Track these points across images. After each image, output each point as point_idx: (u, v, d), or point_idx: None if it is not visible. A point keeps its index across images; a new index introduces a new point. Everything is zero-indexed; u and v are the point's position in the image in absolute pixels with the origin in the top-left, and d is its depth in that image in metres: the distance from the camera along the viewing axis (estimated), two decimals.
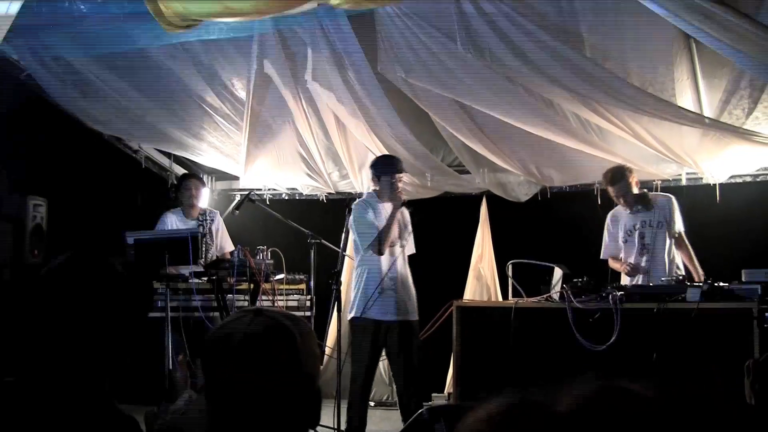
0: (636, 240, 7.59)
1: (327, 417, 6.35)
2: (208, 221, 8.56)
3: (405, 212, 7.21)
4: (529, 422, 1.03)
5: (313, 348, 2.20)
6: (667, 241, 7.49)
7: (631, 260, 7.63)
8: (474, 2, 6.58)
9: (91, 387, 2.17)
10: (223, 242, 8.78)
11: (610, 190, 7.57)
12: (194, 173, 9.08)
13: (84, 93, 8.33)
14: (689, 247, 7.50)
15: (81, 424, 2.11)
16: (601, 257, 7.92)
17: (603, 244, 7.91)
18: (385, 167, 7.27)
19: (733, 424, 1.01)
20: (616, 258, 7.81)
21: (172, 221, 8.61)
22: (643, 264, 7.58)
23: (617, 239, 7.78)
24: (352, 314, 7.12)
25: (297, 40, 7.78)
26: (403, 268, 7.16)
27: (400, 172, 7.27)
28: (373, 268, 7.07)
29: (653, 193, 7.67)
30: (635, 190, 7.51)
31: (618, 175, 7.53)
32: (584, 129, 8.10)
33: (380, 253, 6.99)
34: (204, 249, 8.41)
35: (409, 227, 7.22)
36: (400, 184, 7.18)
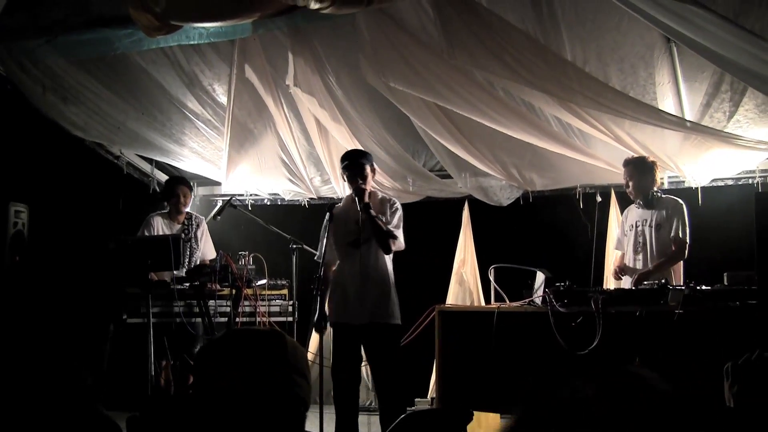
0: (634, 236, 7.62)
1: (311, 424, 6.32)
2: (193, 226, 8.56)
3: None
4: None
5: (302, 367, 2.21)
6: (665, 245, 7.48)
7: (628, 256, 7.68)
8: (454, 6, 6.57)
9: (72, 388, 2.16)
10: (205, 249, 8.78)
11: (623, 173, 7.61)
12: (183, 179, 9.04)
13: (64, 98, 8.29)
14: (677, 254, 7.46)
15: (64, 425, 2.10)
16: (614, 248, 8.14)
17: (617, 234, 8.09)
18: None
19: None
20: (624, 253, 7.89)
21: (158, 224, 8.62)
22: (631, 264, 7.61)
23: (624, 232, 7.83)
24: None
25: (277, 45, 7.77)
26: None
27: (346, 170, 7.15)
28: None
29: (666, 195, 7.64)
30: (647, 186, 7.49)
31: (632, 161, 7.58)
32: (566, 132, 8.11)
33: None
34: (189, 254, 8.40)
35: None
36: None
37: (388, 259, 7.05)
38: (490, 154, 8.72)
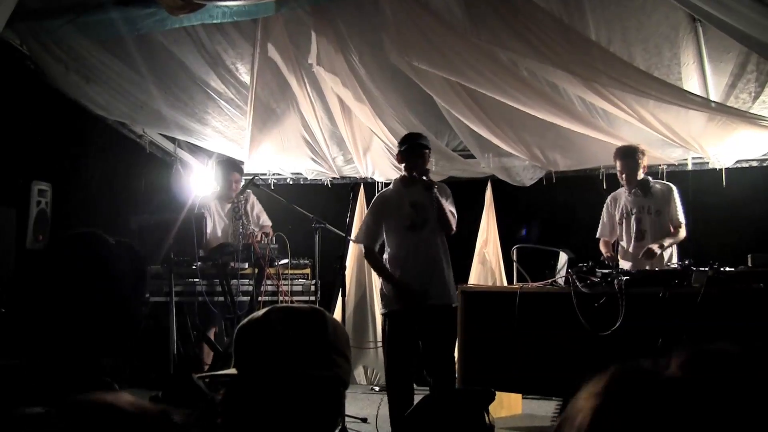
0: (633, 224, 7.59)
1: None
2: (242, 202, 8.61)
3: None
4: (639, 388, 1.04)
5: (343, 347, 2.20)
6: (664, 230, 7.48)
7: (624, 243, 7.66)
8: None
9: (87, 367, 2.17)
10: (261, 217, 8.84)
11: (617, 164, 7.61)
12: (235, 163, 9.12)
13: (87, 78, 8.31)
14: (681, 235, 7.45)
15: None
16: (597, 236, 7.95)
17: (600, 222, 7.96)
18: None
19: None
20: (607, 240, 7.86)
21: (212, 207, 8.80)
22: (631, 250, 7.59)
23: (613, 221, 7.81)
24: None
25: (300, 24, 7.75)
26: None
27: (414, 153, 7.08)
28: None
29: (654, 180, 7.65)
30: (640, 173, 7.50)
31: (629, 151, 7.55)
32: (589, 113, 8.07)
33: None
34: (241, 230, 8.39)
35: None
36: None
37: (444, 242, 6.97)
38: (514, 134, 8.69)
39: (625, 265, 7.58)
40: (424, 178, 6.68)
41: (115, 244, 2.33)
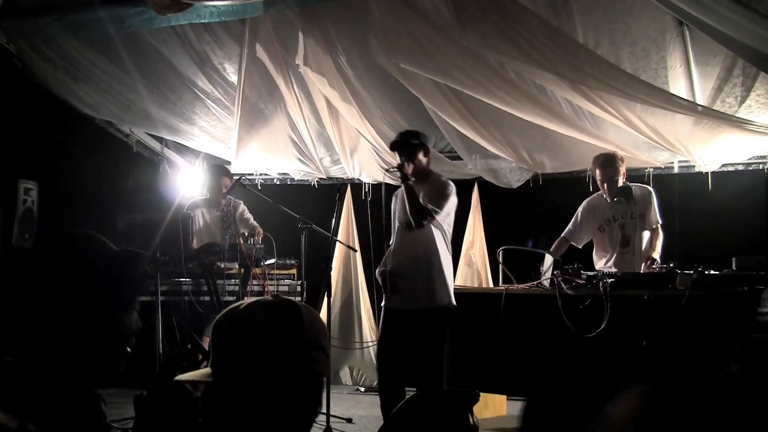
0: (616, 231, 7.60)
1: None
2: (231, 210, 8.61)
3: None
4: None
5: (320, 340, 2.19)
6: (646, 234, 7.52)
7: (609, 250, 7.65)
8: None
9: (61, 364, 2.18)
10: (250, 221, 8.87)
11: (598, 173, 7.64)
12: (225, 169, 9.15)
13: (75, 77, 8.28)
14: (660, 238, 7.49)
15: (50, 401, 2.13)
16: (562, 235, 7.95)
17: (571, 223, 7.98)
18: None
19: None
20: (568, 241, 7.90)
21: (199, 214, 8.88)
22: (618, 257, 7.60)
23: (586, 227, 7.81)
24: None
25: (288, 25, 7.74)
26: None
27: (393, 149, 7.05)
28: None
29: (634, 185, 7.68)
30: (621, 181, 7.53)
31: (609, 160, 7.58)
32: (577, 115, 8.09)
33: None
34: (228, 237, 8.38)
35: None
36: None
37: (440, 243, 6.72)
38: (501, 136, 8.70)
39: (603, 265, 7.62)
40: (394, 170, 6.68)
41: (115, 249, 2.34)
